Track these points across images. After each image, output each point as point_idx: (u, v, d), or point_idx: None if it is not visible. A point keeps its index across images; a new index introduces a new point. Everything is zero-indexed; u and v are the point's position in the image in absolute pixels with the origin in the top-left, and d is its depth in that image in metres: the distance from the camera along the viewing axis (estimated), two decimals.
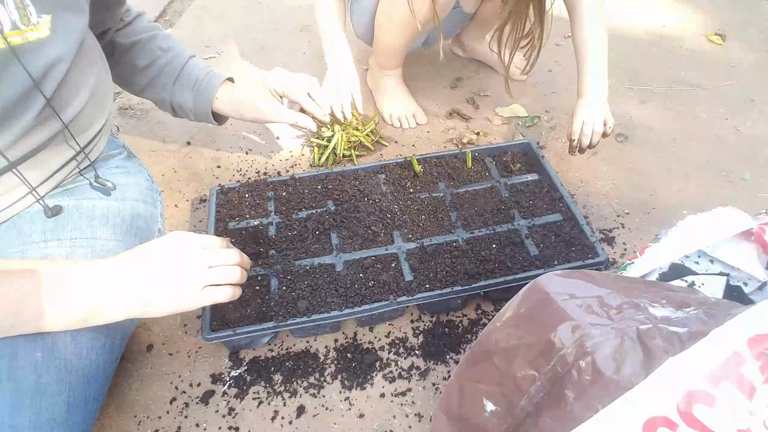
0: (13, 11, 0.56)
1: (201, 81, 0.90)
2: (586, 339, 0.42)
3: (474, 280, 0.81)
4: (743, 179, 1.13)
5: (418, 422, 0.75)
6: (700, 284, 0.61)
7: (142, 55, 0.87)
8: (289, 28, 1.62)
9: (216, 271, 0.65)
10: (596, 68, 1.04)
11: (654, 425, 0.36)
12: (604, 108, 1.04)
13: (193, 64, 0.92)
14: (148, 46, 0.88)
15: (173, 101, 0.92)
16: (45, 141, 0.65)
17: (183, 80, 0.90)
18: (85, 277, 0.59)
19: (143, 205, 0.81)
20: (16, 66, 0.57)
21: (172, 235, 0.65)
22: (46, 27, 0.59)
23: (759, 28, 1.62)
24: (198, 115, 0.93)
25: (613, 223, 1.03)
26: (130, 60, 0.87)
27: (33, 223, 0.67)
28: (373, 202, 0.94)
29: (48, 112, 0.63)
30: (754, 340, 0.37)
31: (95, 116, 0.73)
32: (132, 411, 0.76)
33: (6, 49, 0.56)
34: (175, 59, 0.90)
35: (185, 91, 0.90)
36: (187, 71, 0.90)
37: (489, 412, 0.49)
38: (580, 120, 1.03)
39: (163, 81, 0.90)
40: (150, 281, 0.61)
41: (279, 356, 0.82)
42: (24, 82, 0.58)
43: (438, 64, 1.45)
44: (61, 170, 0.70)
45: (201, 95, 0.91)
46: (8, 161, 0.60)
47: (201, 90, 0.90)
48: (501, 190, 0.98)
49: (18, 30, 0.56)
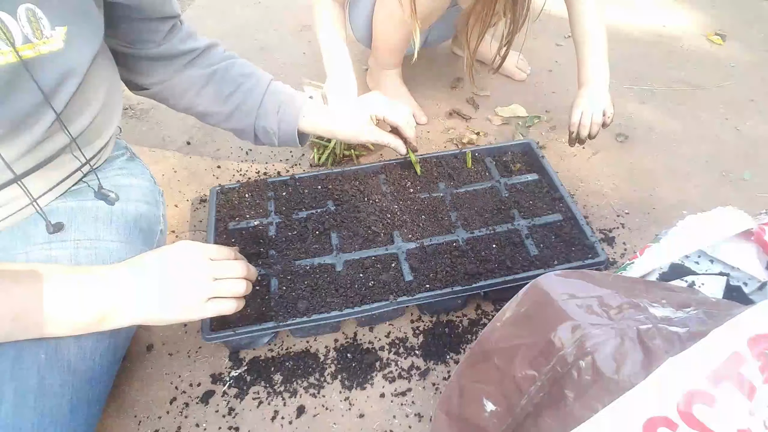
0: (25, 24, 0.55)
1: (285, 102, 0.87)
2: (586, 339, 0.42)
3: (474, 280, 0.81)
4: (743, 179, 1.13)
5: (418, 422, 0.75)
6: (700, 284, 0.61)
7: (224, 83, 0.84)
8: (289, 28, 1.62)
9: (221, 283, 0.65)
10: (596, 57, 1.05)
11: (654, 425, 0.36)
12: (604, 97, 1.04)
13: (276, 87, 0.88)
14: (230, 73, 0.84)
15: (257, 125, 0.87)
16: (52, 154, 0.65)
17: (267, 104, 0.86)
18: (93, 284, 0.59)
19: (146, 206, 0.81)
20: (27, 80, 0.56)
21: (180, 244, 0.65)
22: (60, 39, 0.58)
23: (759, 28, 1.62)
24: (283, 136, 0.88)
25: (613, 223, 1.03)
26: (212, 91, 0.84)
27: (37, 225, 0.67)
28: (373, 202, 0.94)
29: (57, 125, 0.62)
30: (754, 340, 0.38)
31: (104, 129, 0.73)
32: (132, 411, 0.76)
33: (17, 63, 0.55)
34: (258, 83, 0.86)
35: (270, 115, 0.86)
36: (271, 94, 0.86)
37: (489, 412, 0.49)
38: (579, 110, 1.04)
39: (248, 107, 0.85)
40: (156, 291, 0.61)
41: (279, 356, 0.82)
42: (35, 96, 0.58)
43: (438, 64, 1.46)
44: (65, 181, 0.70)
45: (287, 115, 0.86)
46: (14, 174, 0.60)
47: (286, 110, 0.86)
48: (501, 190, 0.98)
49: (30, 43, 0.56)
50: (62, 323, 0.57)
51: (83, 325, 0.58)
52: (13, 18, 0.54)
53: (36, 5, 0.56)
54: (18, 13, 0.54)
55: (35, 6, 0.55)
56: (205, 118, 0.89)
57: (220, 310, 0.66)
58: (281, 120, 0.86)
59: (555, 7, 1.05)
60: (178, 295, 0.62)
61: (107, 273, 0.60)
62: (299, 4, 1.71)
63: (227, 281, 0.66)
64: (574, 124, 1.04)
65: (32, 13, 0.55)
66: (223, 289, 0.65)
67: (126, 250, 0.73)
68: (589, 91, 1.05)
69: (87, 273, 0.60)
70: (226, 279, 0.66)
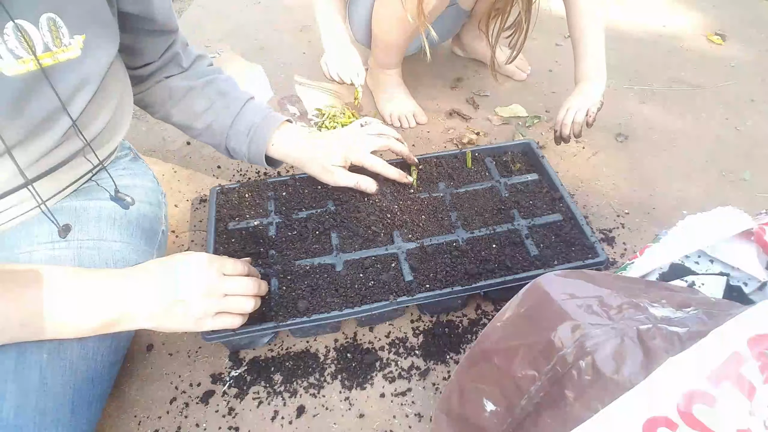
0: (46, 33, 0.56)
1: (259, 126, 0.84)
2: (586, 339, 0.42)
3: (474, 280, 0.81)
4: (743, 179, 1.13)
5: (418, 422, 0.75)
6: (700, 284, 0.61)
7: (198, 100, 0.83)
8: (289, 28, 1.62)
9: (230, 300, 0.66)
10: (591, 54, 1.05)
11: (654, 425, 0.36)
12: (594, 96, 1.04)
13: (251, 107, 0.85)
14: (206, 91, 0.83)
15: (228, 145, 0.86)
16: (65, 159, 0.65)
17: (238, 125, 0.84)
18: (101, 291, 0.59)
19: (149, 206, 0.81)
20: (45, 87, 0.57)
21: (195, 256, 0.65)
22: (78, 47, 0.59)
23: (759, 28, 1.62)
24: (253, 158, 0.87)
25: (613, 223, 1.03)
26: (188, 105, 0.83)
27: (40, 225, 0.67)
28: (373, 202, 0.93)
29: (72, 131, 0.62)
30: (753, 340, 0.37)
31: (116, 132, 0.73)
32: (132, 411, 0.76)
33: (37, 71, 0.56)
34: (232, 103, 0.84)
35: (240, 136, 0.84)
36: (244, 115, 0.84)
37: (489, 412, 0.49)
38: (565, 108, 1.05)
39: (219, 126, 0.84)
40: (164, 301, 0.61)
41: (279, 356, 0.82)
42: (51, 102, 0.58)
43: (438, 64, 1.45)
44: (74, 184, 0.70)
45: (257, 139, 0.84)
46: (26, 179, 0.60)
47: (258, 134, 0.84)
48: (501, 190, 0.98)
49: (50, 51, 0.56)
50: (68, 328, 0.57)
51: (89, 330, 0.58)
52: (35, 27, 0.55)
53: (57, 14, 0.56)
54: (40, 22, 0.55)
55: (56, 15, 0.56)
56: (182, 129, 0.88)
57: (224, 324, 0.67)
58: (251, 142, 0.84)
59: (555, 7, 1.05)
60: (186, 307, 0.63)
61: (116, 279, 0.60)
62: (299, 4, 1.71)
63: (236, 298, 0.67)
64: (558, 122, 1.05)
65: (53, 22, 0.56)
66: (231, 305, 0.66)
67: (129, 250, 0.73)
68: (582, 87, 1.05)
69: (95, 278, 0.60)
70: (235, 296, 0.67)
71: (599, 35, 1.05)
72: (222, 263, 0.67)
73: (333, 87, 1.36)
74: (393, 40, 1.15)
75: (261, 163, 0.87)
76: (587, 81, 1.05)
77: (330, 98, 1.34)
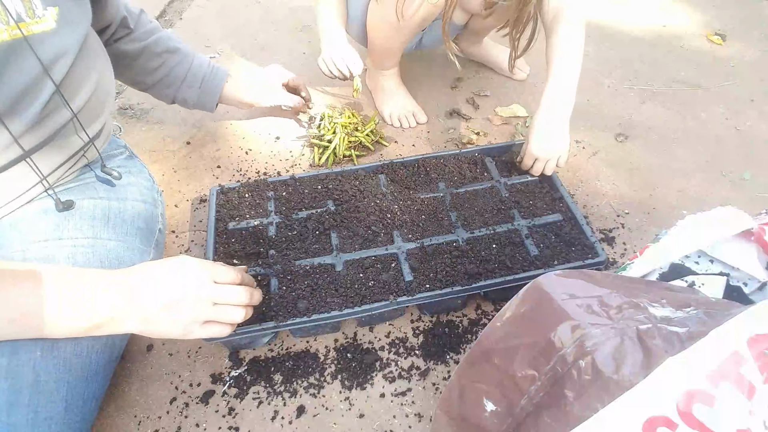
0: (18, 4, 0.57)
1: (206, 78, 1.03)
2: (586, 339, 0.42)
3: (474, 280, 0.81)
4: (743, 179, 1.13)
5: (418, 422, 0.75)
6: (700, 284, 0.61)
7: (151, 58, 0.95)
8: (289, 28, 1.62)
9: (220, 309, 0.65)
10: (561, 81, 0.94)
11: (654, 425, 0.36)
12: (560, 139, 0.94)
13: (198, 63, 1.02)
14: (156, 50, 0.95)
15: (177, 97, 1.03)
16: (57, 129, 0.66)
17: (190, 80, 1.01)
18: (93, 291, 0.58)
19: (144, 205, 0.81)
20: (23, 57, 0.58)
21: (188, 262, 0.64)
22: (52, 19, 0.60)
23: (759, 28, 1.62)
24: (198, 106, 1.07)
25: (613, 223, 1.03)
26: (140, 64, 0.95)
27: (34, 223, 0.67)
28: (373, 203, 0.94)
29: (56, 101, 0.64)
30: (753, 340, 0.37)
31: (99, 110, 0.74)
32: (132, 411, 0.76)
33: (11, 41, 0.57)
34: (184, 59, 1.00)
35: (192, 89, 1.03)
36: (194, 70, 1.01)
37: (489, 412, 0.49)
38: (532, 158, 0.97)
39: (171, 81, 1.00)
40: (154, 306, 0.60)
41: (279, 356, 0.82)
42: (34, 69, 0.60)
43: (438, 65, 1.45)
44: (69, 160, 0.71)
45: (206, 93, 1.05)
46: (23, 150, 0.62)
47: (206, 88, 1.04)
48: (501, 190, 0.98)
49: (23, 22, 0.58)
50: (60, 327, 0.56)
51: (81, 330, 0.58)
52: None
53: None
54: None
55: None
56: (130, 85, 1.02)
57: (213, 333, 0.66)
58: (203, 93, 1.04)
59: None
60: (175, 314, 0.61)
61: (108, 281, 0.59)
62: (300, 4, 1.71)
63: (226, 307, 0.65)
64: (526, 167, 0.99)
65: None
66: (220, 315, 0.65)
67: (123, 248, 0.72)
68: (545, 127, 0.94)
69: (87, 279, 0.59)
70: (226, 305, 0.65)
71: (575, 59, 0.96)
72: (215, 271, 0.65)
73: (332, 88, 1.36)
74: (388, 45, 1.15)
75: (210, 109, 1.08)
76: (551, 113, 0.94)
77: (329, 98, 1.34)
